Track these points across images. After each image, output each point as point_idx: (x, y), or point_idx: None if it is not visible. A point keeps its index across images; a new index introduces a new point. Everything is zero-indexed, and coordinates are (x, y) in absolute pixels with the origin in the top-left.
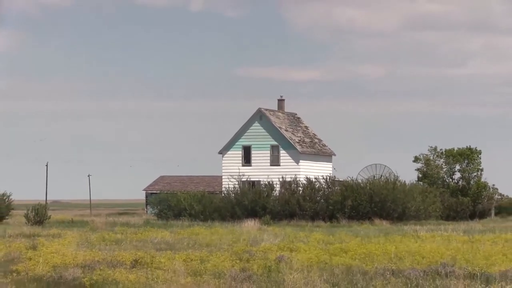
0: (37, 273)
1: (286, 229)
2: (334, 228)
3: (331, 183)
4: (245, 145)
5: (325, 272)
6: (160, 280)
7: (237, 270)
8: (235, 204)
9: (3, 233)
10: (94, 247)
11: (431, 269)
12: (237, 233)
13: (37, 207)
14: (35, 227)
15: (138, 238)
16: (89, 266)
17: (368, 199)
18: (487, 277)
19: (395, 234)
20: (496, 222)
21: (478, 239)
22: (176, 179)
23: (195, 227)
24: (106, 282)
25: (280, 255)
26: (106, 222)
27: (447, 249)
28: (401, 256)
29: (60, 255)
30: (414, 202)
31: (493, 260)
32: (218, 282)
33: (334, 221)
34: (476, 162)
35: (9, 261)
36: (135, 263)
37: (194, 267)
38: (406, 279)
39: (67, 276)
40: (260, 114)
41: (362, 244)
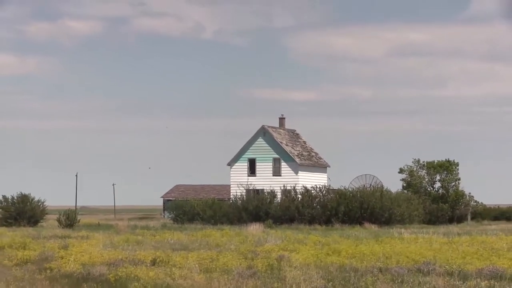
0: (68, 270)
1: (286, 232)
2: (329, 231)
3: (326, 191)
4: (251, 158)
5: (321, 270)
6: (176, 276)
7: (244, 267)
8: (241, 210)
9: (38, 234)
10: (118, 247)
11: (414, 267)
12: (244, 235)
13: (68, 212)
14: (66, 229)
15: (156, 239)
16: (113, 264)
17: (358, 205)
18: (464, 274)
19: (382, 237)
20: (472, 226)
21: (456, 241)
22: (190, 187)
23: (206, 230)
24: (129, 278)
25: (281, 255)
26: (128, 225)
27: (428, 250)
28: (388, 255)
29: (88, 254)
30: (399, 208)
31: (469, 259)
32: (227, 278)
33: (329, 225)
34: (454, 173)
35: (44, 260)
36: (154, 262)
37: (205, 265)
38: (393, 276)
39: (94, 272)
40: (263, 131)
41: (353, 245)
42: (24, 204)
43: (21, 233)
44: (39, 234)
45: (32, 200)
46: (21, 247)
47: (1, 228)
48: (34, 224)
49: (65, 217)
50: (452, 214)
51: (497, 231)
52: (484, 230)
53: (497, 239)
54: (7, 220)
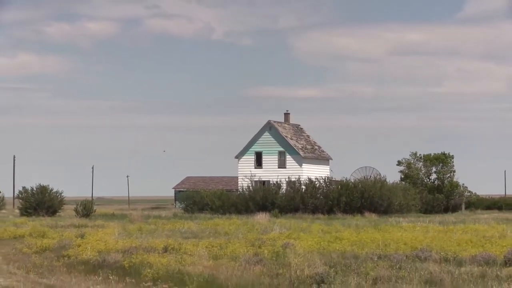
0: (85, 257)
1: (291, 221)
2: (331, 220)
3: (328, 182)
4: (257, 151)
5: (324, 257)
6: (186, 263)
7: (251, 254)
8: (248, 200)
9: (56, 224)
10: (131, 236)
11: (412, 254)
12: (251, 224)
13: (85, 202)
14: (83, 219)
15: (168, 228)
16: (127, 251)
17: (359, 195)
18: (459, 260)
19: (382, 225)
20: (466, 215)
21: (451, 229)
22: (200, 179)
23: (215, 219)
24: (142, 265)
25: (286, 242)
26: (142, 215)
27: (425, 237)
28: (387, 243)
29: (104, 242)
30: (398, 198)
31: (463, 246)
32: (235, 265)
33: (331, 214)
34: (449, 165)
35: (62, 247)
36: (165, 249)
37: (214, 252)
38: (391, 262)
39: (109, 259)
40: (269, 126)
41: (354, 233)
42: (43, 195)
43: (40, 222)
44: (57, 224)
45: (50, 191)
46: (40, 235)
47: (21, 218)
48: (53, 214)
49: (81, 207)
50: (447, 204)
51: (489, 220)
52: (477, 219)
53: (489, 227)
54: (27, 210)
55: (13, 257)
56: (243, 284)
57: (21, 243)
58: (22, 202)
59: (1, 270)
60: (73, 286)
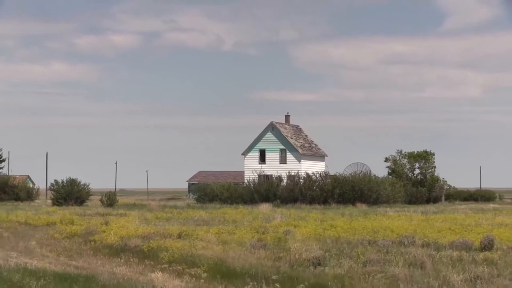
0: (109, 242)
1: (291, 211)
2: (326, 210)
3: (324, 176)
4: (261, 148)
5: (320, 242)
6: (198, 247)
7: (255, 240)
8: (253, 192)
9: (83, 212)
10: (150, 223)
11: (397, 240)
12: (255, 213)
13: (109, 193)
14: (107, 208)
15: (182, 216)
16: (146, 237)
17: (351, 188)
18: (439, 246)
19: (371, 214)
20: (446, 205)
21: (432, 218)
22: (210, 173)
23: (224, 209)
24: (159, 249)
25: (287, 230)
26: (159, 205)
27: (409, 225)
28: (376, 230)
29: (125, 229)
30: (385, 190)
31: (443, 233)
32: (241, 249)
33: (326, 205)
34: (431, 161)
35: (88, 233)
36: (180, 235)
37: (223, 238)
38: (379, 247)
39: (130, 244)
40: (272, 126)
41: (347, 222)
42: (72, 187)
43: (70, 211)
44: (85, 212)
45: (78, 184)
46: (70, 223)
47: (53, 207)
48: (80, 203)
49: (106, 198)
50: (429, 195)
51: (466, 210)
52: (456, 209)
53: (467, 217)
54: (58, 201)
55: (45, 242)
56: (248, 266)
57: (53, 229)
58: (53, 193)
59: (35, 253)
60: (99, 267)
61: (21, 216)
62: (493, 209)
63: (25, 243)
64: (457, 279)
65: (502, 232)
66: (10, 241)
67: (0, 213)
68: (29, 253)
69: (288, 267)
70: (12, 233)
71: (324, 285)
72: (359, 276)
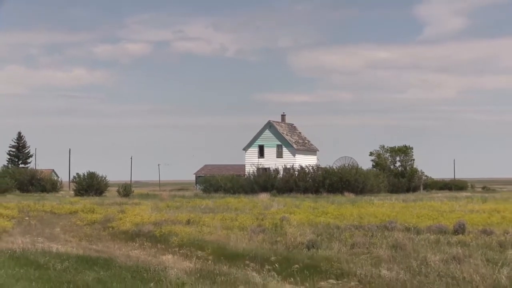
0: (125, 228)
1: (286, 199)
2: (318, 198)
3: (316, 169)
4: (260, 144)
5: (312, 227)
6: (205, 232)
7: (255, 225)
8: (253, 183)
9: (102, 202)
10: (161, 211)
11: (381, 224)
12: (255, 202)
13: (125, 185)
14: (124, 198)
15: (190, 205)
16: (158, 223)
17: (340, 179)
18: (418, 230)
19: (358, 202)
20: (424, 194)
21: (412, 205)
22: (215, 166)
23: (227, 198)
24: (170, 234)
25: (283, 216)
26: (169, 195)
27: (391, 212)
28: (362, 216)
29: (140, 216)
30: (370, 181)
31: (421, 219)
32: (243, 233)
33: (318, 194)
34: (410, 155)
35: (107, 220)
36: (188, 221)
37: (227, 224)
38: (365, 231)
39: (144, 230)
40: (269, 124)
41: (336, 209)
42: (92, 179)
43: (90, 201)
44: (103, 202)
45: (98, 177)
46: (90, 211)
47: (75, 197)
48: (100, 194)
49: (122, 189)
50: (409, 185)
51: (442, 198)
52: (432, 197)
53: (442, 204)
54: (80, 191)
55: (69, 228)
56: (249, 249)
57: (75, 217)
58: (75, 185)
59: (59, 238)
60: (116, 251)
61: (47, 205)
62: (466, 197)
63: (50, 230)
64: (434, 259)
65: (474, 218)
66: (37, 228)
67: (28, 203)
68: (54, 238)
69: (284, 249)
70: (39, 221)
71: (316, 265)
72: (347, 257)
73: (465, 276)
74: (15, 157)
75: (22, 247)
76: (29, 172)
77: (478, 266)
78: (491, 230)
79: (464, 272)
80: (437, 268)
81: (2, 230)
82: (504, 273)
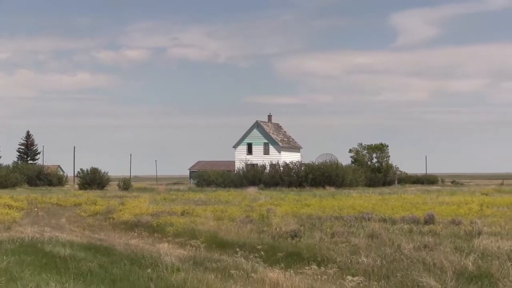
0: (125, 219)
1: (272, 193)
2: (301, 192)
3: (299, 165)
4: (249, 142)
5: (296, 218)
6: (197, 222)
7: (244, 216)
8: (242, 177)
9: (104, 195)
10: (158, 203)
11: (359, 215)
12: (244, 195)
13: (125, 179)
14: (124, 191)
15: (184, 198)
16: (155, 214)
17: (321, 174)
18: (393, 220)
19: (338, 195)
20: (398, 188)
21: (387, 198)
22: (208, 162)
23: (219, 191)
24: (166, 224)
25: (269, 208)
26: (166, 188)
27: (368, 204)
28: (341, 208)
29: (138, 208)
30: (349, 176)
31: (396, 210)
32: (232, 224)
33: (301, 188)
34: (385, 152)
35: (108, 212)
36: (183, 213)
37: (218, 215)
38: (344, 221)
39: (142, 220)
40: (257, 124)
41: (318, 201)
42: (95, 174)
43: (93, 194)
44: (105, 195)
45: (100, 172)
46: (93, 203)
47: (79, 191)
48: (102, 188)
49: (122, 183)
50: (384, 180)
51: (415, 191)
52: (406, 191)
53: (415, 196)
54: (83, 185)
55: (73, 219)
56: (238, 238)
57: (79, 209)
58: (80, 179)
59: (65, 228)
60: (116, 239)
61: (53, 198)
62: (436, 190)
63: (56, 220)
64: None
65: (443, 209)
66: (44, 218)
67: (36, 196)
68: (60, 228)
69: (270, 238)
70: (46, 212)
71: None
72: (327, 245)
73: (435, 262)
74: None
75: (31, 236)
76: (37, 168)
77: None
78: (459, 221)
79: (434, 258)
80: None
81: (12, 221)
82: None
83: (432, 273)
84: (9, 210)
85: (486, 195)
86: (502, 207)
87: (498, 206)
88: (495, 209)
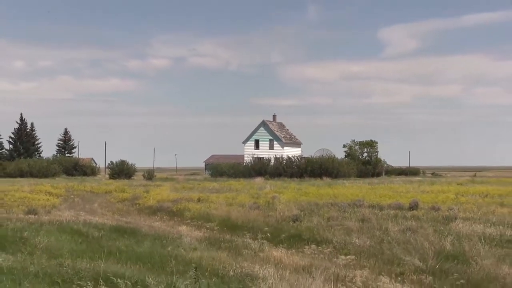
0: (149, 205)
1: (277, 182)
2: (301, 182)
3: (300, 158)
4: (256, 139)
5: (297, 204)
6: (211, 208)
7: (252, 203)
8: (250, 169)
9: (131, 184)
10: (178, 191)
11: (352, 202)
12: (252, 184)
13: (149, 170)
14: (148, 181)
15: (200, 186)
16: (175, 200)
17: (319, 166)
18: (381, 207)
19: (333, 185)
20: (385, 179)
21: (376, 187)
22: (221, 156)
23: (230, 181)
24: (184, 209)
25: (274, 195)
26: (184, 178)
27: (360, 192)
28: (337, 196)
29: (160, 195)
30: (343, 168)
31: (383, 198)
32: (242, 209)
33: (302, 178)
34: (375, 148)
35: (134, 198)
36: (199, 199)
37: (229, 201)
38: (339, 207)
39: (164, 206)
40: (263, 123)
41: (316, 190)
42: (123, 166)
43: (121, 183)
44: (132, 184)
45: (127, 164)
46: (121, 191)
47: (110, 180)
48: (129, 177)
49: (147, 173)
50: (374, 171)
51: (399, 182)
52: (392, 181)
53: (400, 186)
54: (113, 175)
55: (104, 204)
56: (247, 221)
57: (110, 195)
58: (110, 170)
59: (97, 212)
60: (141, 222)
61: (87, 186)
62: (418, 181)
63: (90, 205)
64: (394, 230)
65: (425, 197)
66: (79, 204)
67: (73, 184)
68: (93, 212)
69: (275, 222)
70: (81, 198)
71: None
72: (324, 228)
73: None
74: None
75: (68, 219)
76: (73, 160)
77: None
78: (438, 207)
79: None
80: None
81: (52, 206)
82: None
83: (415, 252)
84: (49, 196)
85: (461, 185)
86: (475, 196)
87: (471, 194)
88: (468, 197)
